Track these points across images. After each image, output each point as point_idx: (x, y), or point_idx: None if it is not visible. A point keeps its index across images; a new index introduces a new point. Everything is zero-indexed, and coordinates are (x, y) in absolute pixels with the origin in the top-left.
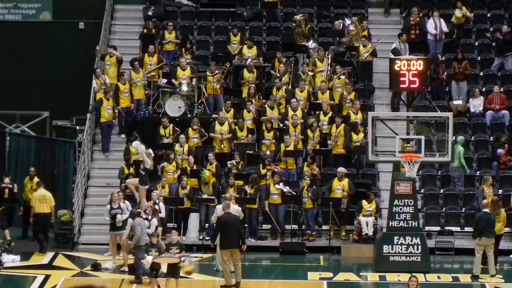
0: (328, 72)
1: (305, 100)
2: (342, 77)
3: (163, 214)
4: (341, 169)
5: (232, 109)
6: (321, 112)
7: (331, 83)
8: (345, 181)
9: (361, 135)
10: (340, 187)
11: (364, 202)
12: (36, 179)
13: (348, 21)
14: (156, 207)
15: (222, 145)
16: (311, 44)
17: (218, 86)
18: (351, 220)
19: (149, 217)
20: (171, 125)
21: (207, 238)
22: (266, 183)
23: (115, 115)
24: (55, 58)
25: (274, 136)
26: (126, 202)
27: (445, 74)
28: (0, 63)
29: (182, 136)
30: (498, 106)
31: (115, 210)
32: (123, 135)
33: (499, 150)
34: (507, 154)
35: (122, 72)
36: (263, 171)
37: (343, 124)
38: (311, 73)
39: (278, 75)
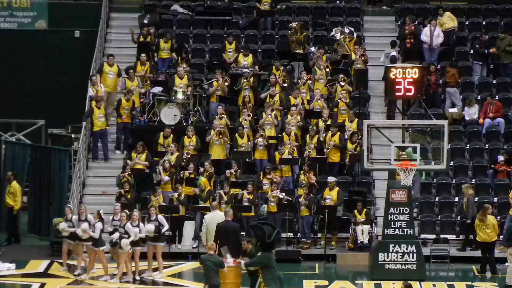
0: (326, 79)
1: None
2: (343, 83)
3: (166, 227)
4: (331, 179)
5: (225, 117)
6: (320, 120)
7: (334, 87)
8: (335, 190)
9: (355, 145)
10: (329, 196)
11: (356, 212)
12: (14, 183)
13: (338, 35)
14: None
15: (218, 140)
16: (314, 49)
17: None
18: (345, 228)
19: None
20: (172, 135)
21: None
22: (264, 191)
23: (108, 122)
24: (51, 67)
25: (264, 142)
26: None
27: (440, 81)
28: None
29: (172, 145)
30: (492, 113)
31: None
32: (118, 151)
33: (500, 157)
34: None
35: (130, 90)
36: (262, 180)
37: (338, 133)
38: (310, 81)
39: (269, 85)
